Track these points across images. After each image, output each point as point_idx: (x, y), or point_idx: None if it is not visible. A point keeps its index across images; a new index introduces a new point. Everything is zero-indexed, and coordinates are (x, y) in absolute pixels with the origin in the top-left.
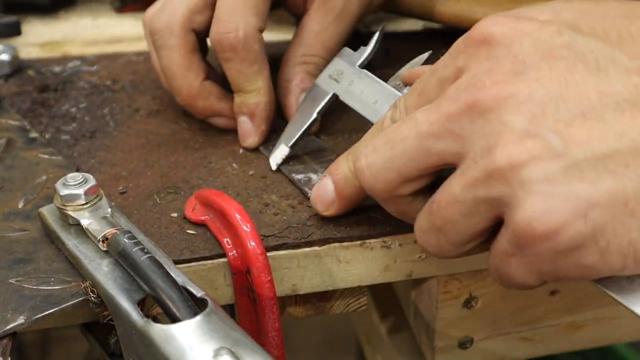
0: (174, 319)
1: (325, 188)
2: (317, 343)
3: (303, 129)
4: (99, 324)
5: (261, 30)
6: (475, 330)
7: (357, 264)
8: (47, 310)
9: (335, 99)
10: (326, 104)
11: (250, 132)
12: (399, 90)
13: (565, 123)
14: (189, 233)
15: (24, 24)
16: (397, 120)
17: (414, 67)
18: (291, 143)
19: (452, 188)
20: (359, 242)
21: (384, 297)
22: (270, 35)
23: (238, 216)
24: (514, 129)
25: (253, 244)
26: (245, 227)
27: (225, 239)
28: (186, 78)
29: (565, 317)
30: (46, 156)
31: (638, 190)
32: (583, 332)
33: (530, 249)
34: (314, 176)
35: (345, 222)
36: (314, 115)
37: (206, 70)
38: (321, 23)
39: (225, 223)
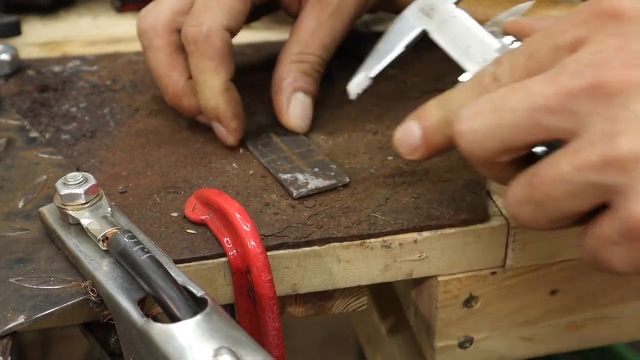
0: (174, 319)
1: (411, 132)
2: (317, 343)
3: (388, 60)
4: (99, 323)
5: (230, 30)
6: (475, 330)
7: (357, 264)
8: (47, 310)
9: (424, 35)
10: (415, 39)
11: (223, 133)
12: (496, 37)
13: None
14: (189, 232)
15: (24, 23)
16: (500, 79)
17: (516, 14)
18: (374, 74)
19: (561, 166)
20: (359, 241)
21: (384, 296)
22: (270, 35)
23: (238, 216)
24: None
25: (253, 243)
26: (245, 227)
27: (225, 239)
28: (171, 78)
29: (565, 317)
30: (46, 156)
31: None
32: (583, 332)
33: None
34: (300, 176)
35: (345, 221)
36: (401, 49)
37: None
38: (317, 20)
39: (225, 222)
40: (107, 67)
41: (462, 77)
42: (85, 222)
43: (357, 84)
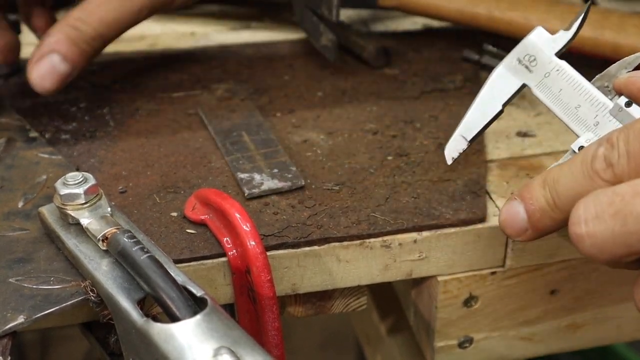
0: (173, 318)
1: (517, 215)
2: (316, 343)
3: (486, 122)
4: (98, 323)
5: None
6: (475, 330)
7: (357, 264)
8: (47, 310)
9: (523, 89)
10: (514, 94)
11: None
12: (607, 95)
13: None
14: (188, 232)
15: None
16: (614, 166)
17: (628, 67)
18: (471, 137)
19: None
20: (358, 241)
21: (384, 296)
22: (270, 35)
23: (238, 215)
24: None
25: (253, 243)
26: (245, 227)
27: (225, 239)
28: None
29: (565, 317)
30: (46, 155)
31: None
32: (583, 332)
33: None
34: (257, 176)
35: (345, 221)
36: (499, 107)
37: None
38: None
39: (225, 222)
40: (107, 66)
41: (574, 145)
42: (84, 222)
43: (453, 148)
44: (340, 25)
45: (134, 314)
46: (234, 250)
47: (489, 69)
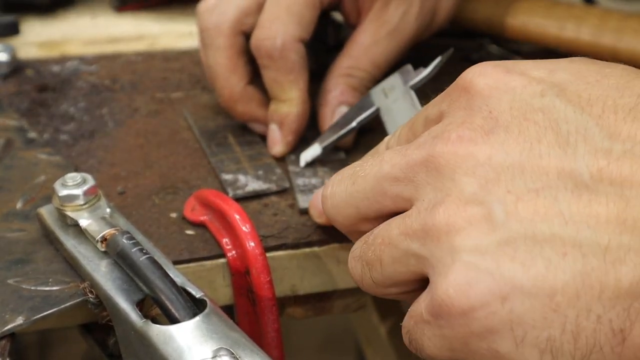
0: (172, 320)
1: (319, 197)
2: (317, 343)
3: (339, 134)
4: (97, 324)
5: (302, 41)
6: None
7: None
8: (45, 311)
9: (377, 113)
10: (368, 116)
11: (277, 140)
12: None
13: (516, 195)
14: (188, 233)
15: (22, 23)
16: (389, 147)
17: None
18: (324, 144)
19: (391, 229)
20: None
21: (384, 298)
22: None
23: (237, 216)
24: (462, 191)
25: (252, 244)
26: (245, 228)
27: (225, 240)
28: (229, 81)
29: None
30: (45, 156)
31: (568, 285)
32: None
33: (445, 321)
34: (242, 177)
35: None
36: (353, 124)
37: (251, 74)
38: (373, 37)
39: (224, 223)
40: (106, 67)
41: None
42: (83, 223)
43: (308, 155)
44: (338, 26)
45: (133, 315)
46: (234, 252)
47: None
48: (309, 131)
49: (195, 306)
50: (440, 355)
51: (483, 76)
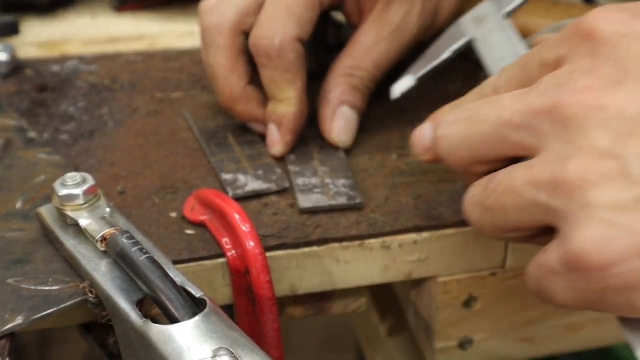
0: (172, 320)
1: (424, 134)
2: (316, 343)
3: (435, 63)
4: (97, 324)
5: (301, 40)
6: (475, 331)
7: (356, 265)
8: (45, 311)
9: (470, 44)
10: (462, 45)
11: (276, 140)
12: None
13: None
14: (187, 233)
15: (22, 23)
16: (498, 89)
17: (556, 31)
18: (419, 75)
19: (516, 178)
20: (358, 242)
21: (384, 297)
22: None
23: (237, 216)
24: (595, 145)
25: (252, 244)
26: (245, 227)
27: (224, 239)
28: (229, 80)
29: (565, 317)
30: (45, 156)
31: None
32: (583, 333)
33: (581, 275)
34: (242, 177)
35: (345, 222)
36: (449, 54)
37: (251, 74)
38: (374, 37)
39: (224, 223)
40: (106, 67)
41: None
42: (83, 222)
43: (402, 85)
44: (339, 26)
45: (133, 315)
46: (233, 251)
47: None
48: (308, 131)
49: (195, 306)
50: (573, 305)
51: (609, 22)
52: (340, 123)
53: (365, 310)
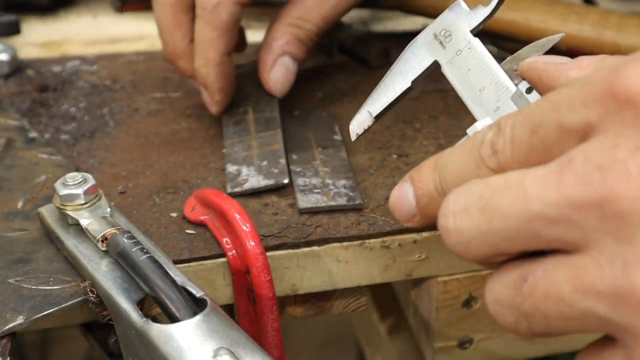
0: (173, 319)
1: (405, 198)
2: (317, 343)
3: (393, 97)
4: (98, 324)
5: (241, 4)
6: (475, 331)
7: (356, 264)
8: (46, 310)
9: (435, 67)
10: (425, 71)
11: (207, 101)
12: (513, 79)
13: None
14: (188, 233)
15: (23, 23)
16: (498, 153)
17: (539, 50)
18: (376, 113)
19: (558, 283)
20: (358, 242)
21: (384, 297)
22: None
23: (237, 216)
24: None
25: (252, 243)
26: (245, 227)
27: (225, 239)
28: (173, 36)
29: None
30: (45, 156)
31: None
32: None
33: None
34: (244, 170)
35: (345, 222)
36: (408, 84)
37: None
38: None
39: (224, 223)
40: (107, 67)
41: (469, 130)
42: (84, 222)
43: (359, 124)
44: (339, 26)
45: (134, 314)
46: (234, 251)
47: None
48: (310, 131)
49: (196, 305)
50: None
51: None
52: (279, 72)
53: (365, 309)
